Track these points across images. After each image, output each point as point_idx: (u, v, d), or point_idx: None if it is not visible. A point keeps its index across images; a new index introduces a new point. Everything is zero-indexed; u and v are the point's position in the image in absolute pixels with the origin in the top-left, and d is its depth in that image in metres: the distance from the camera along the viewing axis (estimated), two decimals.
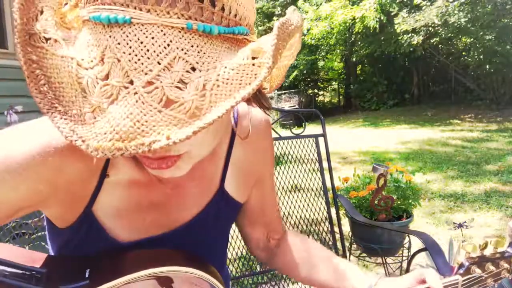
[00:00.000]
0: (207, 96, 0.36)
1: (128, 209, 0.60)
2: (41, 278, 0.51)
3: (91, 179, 0.56)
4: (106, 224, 0.59)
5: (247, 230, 0.85)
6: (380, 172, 2.41)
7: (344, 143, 8.28)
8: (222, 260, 0.81)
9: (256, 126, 0.72)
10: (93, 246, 0.60)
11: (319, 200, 1.88)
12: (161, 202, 0.63)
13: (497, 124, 10.25)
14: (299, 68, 18.13)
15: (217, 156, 0.68)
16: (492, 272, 0.76)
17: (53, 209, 0.57)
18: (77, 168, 0.53)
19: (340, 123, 13.55)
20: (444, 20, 11.19)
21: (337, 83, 21.79)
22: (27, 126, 0.53)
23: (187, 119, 0.35)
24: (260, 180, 0.78)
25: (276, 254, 0.85)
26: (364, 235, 2.51)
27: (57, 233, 0.63)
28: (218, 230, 0.74)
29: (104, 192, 0.57)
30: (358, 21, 12.91)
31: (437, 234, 3.34)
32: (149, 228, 0.62)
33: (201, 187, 0.67)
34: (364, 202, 2.61)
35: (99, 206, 0.58)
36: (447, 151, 7.11)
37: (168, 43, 0.36)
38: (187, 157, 0.48)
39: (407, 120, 12.55)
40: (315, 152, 1.87)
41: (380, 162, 6.12)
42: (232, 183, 0.71)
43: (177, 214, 0.65)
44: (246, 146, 0.71)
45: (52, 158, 0.50)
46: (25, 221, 1.50)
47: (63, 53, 0.39)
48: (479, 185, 4.79)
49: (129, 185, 0.59)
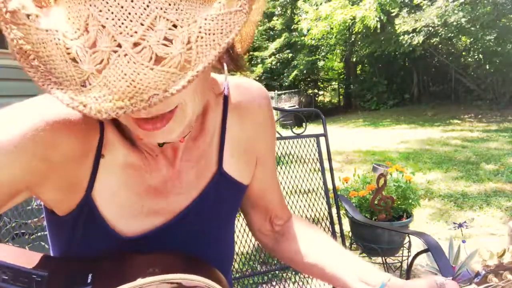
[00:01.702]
0: (193, 48, 0.38)
1: (126, 194, 0.59)
2: (41, 282, 0.50)
3: (85, 158, 0.55)
4: (105, 213, 0.58)
5: (249, 213, 0.81)
6: (380, 172, 2.41)
7: (344, 143, 8.28)
8: (228, 258, 0.77)
9: (252, 97, 0.69)
10: (94, 240, 0.59)
11: (320, 200, 1.88)
12: (158, 186, 0.61)
13: (497, 124, 10.24)
14: (299, 68, 18.13)
15: (209, 132, 0.65)
16: (510, 281, 0.71)
17: (52, 192, 0.56)
18: (70, 144, 0.53)
19: (340, 123, 13.55)
20: (444, 20, 11.19)
21: (337, 83, 21.79)
22: (18, 105, 0.52)
23: (179, 72, 0.37)
24: (262, 156, 0.74)
25: (280, 242, 0.81)
26: (364, 235, 2.51)
27: (57, 225, 0.62)
28: (221, 216, 0.70)
29: (101, 175, 0.57)
30: (358, 21, 12.91)
31: (437, 234, 3.34)
32: (148, 216, 0.61)
33: (198, 168, 0.65)
34: (364, 202, 2.61)
35: (97, 192, 0.57)
36: (447, 151, 7.11)
37: (148, 4, 0.37)
38: (179, 116, 0.48)
39: (407, 120, 12.55)
40: (316, 152, 1.87)
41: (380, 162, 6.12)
42: (231, 162, 0.67)
43: (175, 198, 0.63)
44: (243, 120, 0.68)
45: (44, 133, 0.50)
46: (25, 221, 1.50)
47: (47, 26, 0.39)
48: (479, 185, 4.79)
49: (126, 168, 0.59)
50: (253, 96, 0.70)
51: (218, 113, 0.66)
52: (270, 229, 0.82)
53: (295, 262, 0.78)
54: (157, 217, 0.62)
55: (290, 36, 17.99)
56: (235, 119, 0.67)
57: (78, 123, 0.53)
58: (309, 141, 1.87)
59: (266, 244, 0.84)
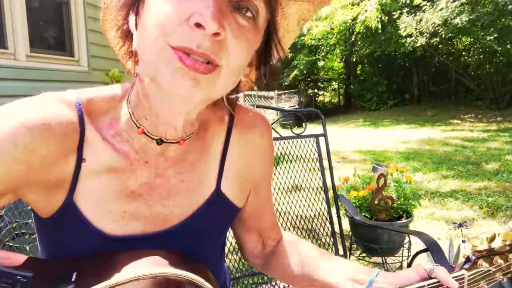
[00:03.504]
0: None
1: (109, 199, 0.59)
2: (26, 283, 0.49)
3: (66, 160, 0.56)
4: (88, 215, 0.58)
5: (242, 237, 0.82)
6: (380, 172, 2.41)
7: (344, 143, 8.28)
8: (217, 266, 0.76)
9: (256, 127, 0.72)
10: (79, 240, 0.59)
11: (320, 200, 1.88)
12: (142, 193, 0.61)
13: (497, 124, 10.25)
14: (299, 68, 18.14)
15: (210, 154, 0.67)
16: (501, 265, 0.71)
17: (34, 195, 0.57)
18: (49, 147, 0.53)
19: (340, 123, 13.55)
20: (444, 20, 11.19)
21: (337, 83, 21.80)
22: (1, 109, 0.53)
23: None
24: (257, 185, 0.75)
25: (270, 260, 0.82)
26: (364, 235, 2.51)
27: (42, 226, 0.62)
28: (213, 235, 0.70)
29: (83, 179, 0.57)
30: (359, 21, 12.91)
31: (437, 234, 3.34)
32: (129, 221, 0.60)
33: (191, 185, 0.65)
34: (364, 202, 2.61)
35: (79, 196, 0.57)
36: (447, 151, 7.11)
37: None
38: (212, 78, 0.50)
39: (407, 120, 12.56)
40: (316, 152, 1.87)
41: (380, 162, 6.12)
42: (229, 184, 0.68)
43: (161, 209, 0.62)
44: (244, 148, 0.70)
45: (23, 137, 0.51)
46: (26, 221, 1.50)
47: None
48: (479, 185, 4.79)
49: (108, 172, 0.59)
50: (256, 126, 0.72)
51: (222, 134, 0.68)
52: (262, 250, 0.83)
53: (286, 276, 0.79)
54: (140, 224, 0.61)
55: None
56: (237, 145, 0.69)
57: (56, 126, 0.54)
58: (309, 141, 1.87)
59: (257, 264, 0.85)
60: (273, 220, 0.83)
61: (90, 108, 0.59)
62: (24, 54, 3.66)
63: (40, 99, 0.56)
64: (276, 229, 0.84)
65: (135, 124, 0.59)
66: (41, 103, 0.55)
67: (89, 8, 4.43)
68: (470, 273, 0.68)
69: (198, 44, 0.47)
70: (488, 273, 0.70)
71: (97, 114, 0.59)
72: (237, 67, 0.52)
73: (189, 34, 0.47)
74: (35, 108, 0.53)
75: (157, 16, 0.48)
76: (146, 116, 0.59)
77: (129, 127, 0.60)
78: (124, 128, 0.60)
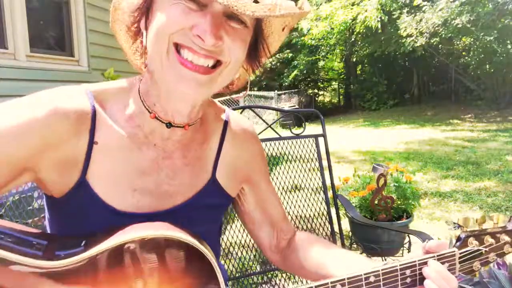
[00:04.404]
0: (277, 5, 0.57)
1: (120, 177, 0.67)
2: (38, 245, 0.55)
3: (78, 141, 0.64)
4: (100, 192, 0.65)
5: (256, 234, 0.90)
6: (380, 172, 2.41)
7: (344, 143, 8.28)
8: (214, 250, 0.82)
9: (246, 129, 0.86)
10: (91, 215, 0.66)
11: (319, 200, 1.88)
12: (151, 171, 0.69)
13: (497, 124, 10.25)
14: (299, 68, 18.13)
15: (208, 146, 0.78)
16: (492, 245, 0.74)
17: (49, 172, 0.64)
18: (63, 126, 0.62)
19: (340, 123, 13.55)
20: (444, 20, 11.19)
21: (337, 83, 21.80)
22: (21, 98, 0.63)
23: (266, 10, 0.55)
24: (251, 181, 0.86)
25: (287, 255, 0.88)
26: (364, 235, 2.51)
27: (55, 207, 0.69)
28: (210, 218, 0.79)
29: (95, 159, 0.65)
30: (359, 21, 12.91)
31: (437, 234, 3.34)
32: (139, 199, 0.68)
33: (193, 170, 0.74)
34: (364, 202, 2.61)
35: (92, 175, 0.65)
36: (447, 151, 7.11)
37: None
38: (215, 76, 0.62)
39: (407, 120, 12.56)
40: (315, 152, 1.87)
41: (380, 162, 6.12)
42: (223, 174, 0.79)
43: (167, 188, 0.70)
44: (236, 143, 0.82)
45: (41, 116, 0.61)
46: (26, 220, 1.50)
47: None
48: (479, 185, 4.79)
49: (120, 153, 0.67)
50: (247, 129, 0.86)
51: (218, 131, 0.80)
52: (278, 244, 0.90)
53: (305, 270, 0.82)
54: (147, 201, 0.69)
55: (290, 36, 17.98)
56: (230, 141, 0.81)
57: (70, 109, 0.63)
58: (308, 141, 1.87)
59: (278, 261, 0.91)
60: (282, 213, 0.91)
61: (101, 97, 0.68)
62: (24, 54, 3.66)
63: (59, 90, 0.66)
64: (287, 222, 0.91)
65: (147, 110, 0.68)
66: (60, 93, 0.65)
67: (89, 8, 4.43)
68: (460, 251, 0.71)
69: (199, 47, 0.59)
70: (480, 252, 0.73)
71: (108, 102, 0.69)
72: (236, 62, 0.63)
73: (191, 38, 0.59)
74: (51, 95, 0.64)
75: (163, 21, 0.59)
76: (156, 103, 0.68)
77: (141, 112, 0.69)
78: (137, 114, 0.69)
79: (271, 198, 0.89)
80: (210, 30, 0.57)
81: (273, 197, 0.90)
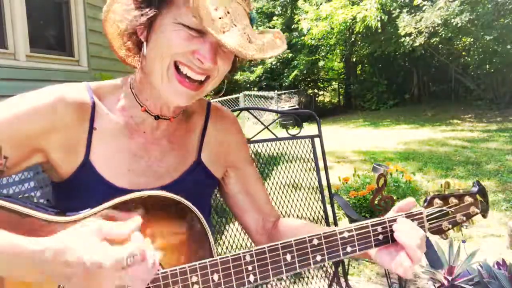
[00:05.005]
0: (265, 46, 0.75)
1: (117, 159, 0.79)
2: (51, 210, 0.66)
3: (80, 127, 0.77)
4: (101, 171, 0.77)
5: (243, 219, 0.98)
6: (380, 172, 2.42)
7: (344, 143, 8.29)
8: None
9: (227, 117, 0.97)
10: (95, 192, 0.76)
11: (316, 200, 1.88)
12: (142, 154, 0.81)
13: (497, 124, 10.25)
14: (299, 68, 18.13)
15: (194, 129, 0.90)
16: (457, 205, 0.82)
17: (57, 152, 0.75)
18: (67, 112, 0.75)
19: (340, 123, 13.56)
20: (444, 20, 11.19)
21: (337, 83, 21.79)
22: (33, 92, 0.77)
23: (260, 51, 0.73)
24: (234, 165, 0.96)
25: (273, 234, 0.95)
26: None
27: (61, 187, 0.79)
28: (198, 198, 0.84)
29: (95, 143, 0.78)
30: (359, 21, 12.91)
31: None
32: (134, 177, 0.79)
33: (179, 154, 0.86)
34: (364, 202, 2.61)
35: (94, 156, 0.77)
36: (447, 151, 7.11)
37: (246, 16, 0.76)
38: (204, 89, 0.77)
39: (407, 120, 12.56)
40: (311, 153, 1.87)
41: (380, 162, 6.12)
42: (207, 156, 0.90)
43: (157, 168, 0.82)
44: (218, 129, 0.94)
45: (49, 102, 0.74)
46: None
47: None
48: None
49: (115, 138, 0.80)
50: (227, 117, 0.98)
51: (201, 119, 0.93)
52: (264, 226, 0.97)
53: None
54: (142, 179, 0.80)
55: (290, 36, 17.98)
56: (212, 127, 0.93)
57: (74, 99, 0.76)
58: (305, 142, 1.88)
59: (263, 242, 0.94)
60: (266, 197, 1.00)
61: (99, 92, 0.81)
62: (24, 54, 3.66)
63: (64, 84, 0.78)
64: (271, 205, 1.00)
65: (138, 104, 0.82)
66: (65, 87, 0.77)
67: (89, 8, 4.43)
68: (427, 210, 0.79)
69: (197, 67, 0.73)
70: (447, 212, 0.81)
71: (105, 95, 0.82)
72: (222, 75, 0.79)
73: (191, 59, 0.72)
74: (62, 87, 0.77)
75: (169, 43, 0.72)
76: (147, 98, 0.81)
77: (134, 105, 0.82)
78: (129, 106, 0.82)
79: (254, 182, 0.98)
80: (210, 57, 0.72)
81: (257, 181, 0.98)
